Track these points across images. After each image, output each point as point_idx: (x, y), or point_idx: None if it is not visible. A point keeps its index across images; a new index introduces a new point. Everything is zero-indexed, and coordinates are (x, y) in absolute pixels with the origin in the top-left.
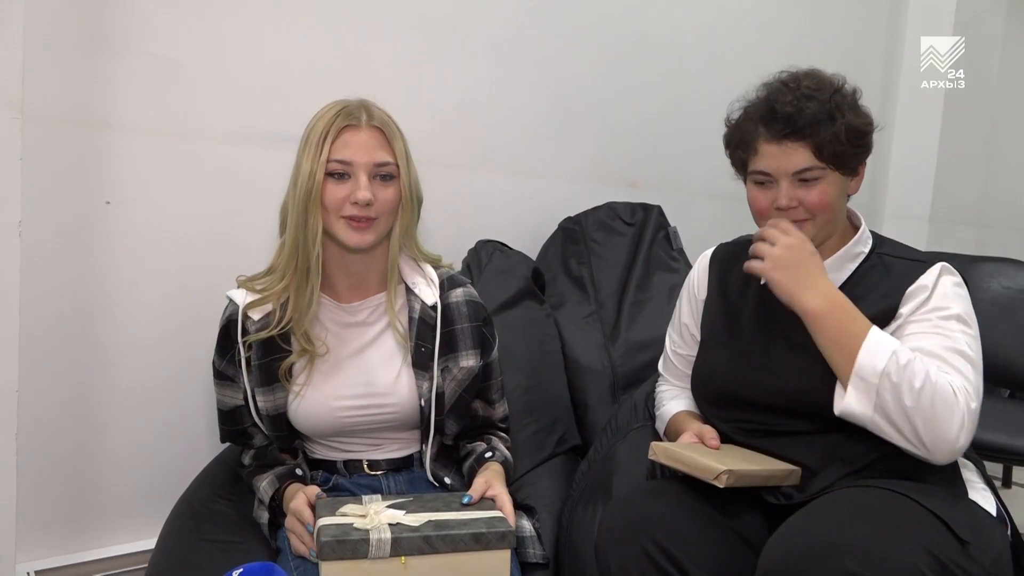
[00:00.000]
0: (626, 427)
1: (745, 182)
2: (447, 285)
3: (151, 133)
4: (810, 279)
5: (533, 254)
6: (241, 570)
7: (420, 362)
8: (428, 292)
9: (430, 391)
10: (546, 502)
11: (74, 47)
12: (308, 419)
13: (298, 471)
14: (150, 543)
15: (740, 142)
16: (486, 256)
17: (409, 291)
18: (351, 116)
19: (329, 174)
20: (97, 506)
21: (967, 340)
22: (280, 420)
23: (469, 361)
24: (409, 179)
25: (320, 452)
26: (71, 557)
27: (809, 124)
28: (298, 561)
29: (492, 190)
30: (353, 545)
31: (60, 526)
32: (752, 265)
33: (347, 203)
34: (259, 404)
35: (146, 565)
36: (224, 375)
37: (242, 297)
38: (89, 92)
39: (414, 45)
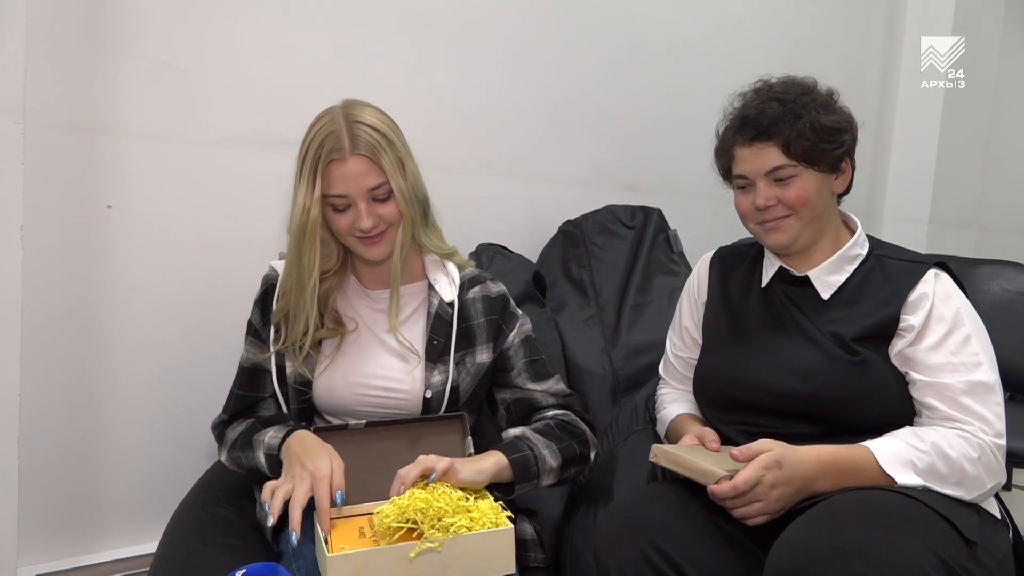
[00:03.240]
0: (627, 430)
1: (733, 189)
2: (467, 285)
3: (152, 138)
4: (795, 483)
5: (534, 257)
6: (244, 571)
7: (431, 355)
8: (448, 290)
9: (442, 384)
10: (547, 505)
11: (75, 53)
12: (327, 393)
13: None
14: (152, 547)
15: (721, 151)
16: (487, 259)
17: (430, 287)
18: (336, 146)
19: (330, 206)
20: (99, 510)
21: (983, 352)
22: (303, 390)
23: (483, 355)
24: (406, 189)
25: None
26: (73, 561)
27: (773, 123)
28: (300, 563)
29: (492, 194)
30: None
31: (62, 530)
32: (756, 521)
33: (354, 228)
34: (287, 370)
35: (147, 569)
36: (259, 335)
37: (283, 269)
38: (90, 97)
39: (414, 49)
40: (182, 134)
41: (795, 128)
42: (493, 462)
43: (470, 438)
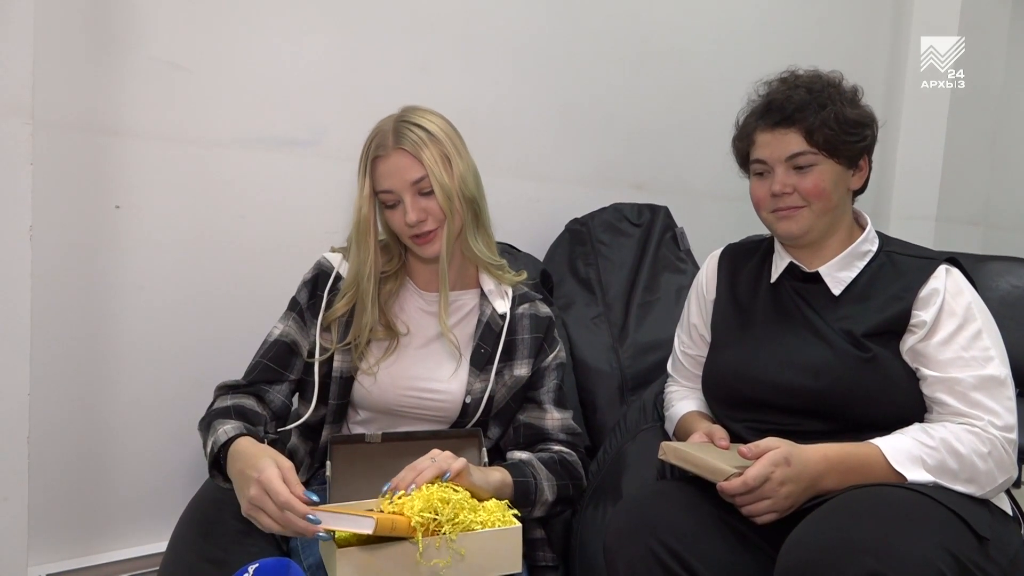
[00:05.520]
0: (635, 428)
1: (749, 177)
2: (518, 300)
3: (160, 138)
4: (803, 480)
5: (540, 256)
6: (257, 565)
7: (477, 362)
8: (500, 302)
9: (481, 392)
10: None
11: (83, 54)
12: (372, 391)
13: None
14: (161, 546)
15: (741, 135)
16: None
17: (483, 296)
18: (382, 142)
19: (384, 204)
20: (108, 509)
21: (994, 347)
22: (349, 384)
23: (522, 370)
24: (449, 185)
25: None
26: (82, 560)
27: (798, 109)
28: (311, 560)
29: (499, 192)
30: None
31: (71, 529)
32: (765, 519)
33: (405, 225)
34: (335, 363)
35: (157, 568)
36: (302, 315)
37: (338, 262)
38: (98, 98)
39: (421, 50)
40: (190, 134)
41: (819, 116)
42: (499, 478)
43: (485, 450)
